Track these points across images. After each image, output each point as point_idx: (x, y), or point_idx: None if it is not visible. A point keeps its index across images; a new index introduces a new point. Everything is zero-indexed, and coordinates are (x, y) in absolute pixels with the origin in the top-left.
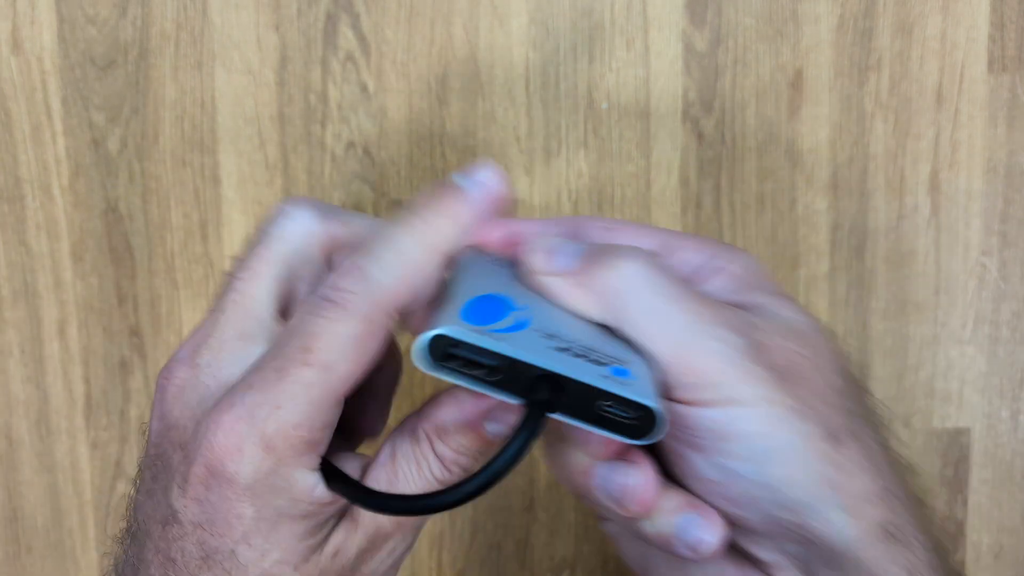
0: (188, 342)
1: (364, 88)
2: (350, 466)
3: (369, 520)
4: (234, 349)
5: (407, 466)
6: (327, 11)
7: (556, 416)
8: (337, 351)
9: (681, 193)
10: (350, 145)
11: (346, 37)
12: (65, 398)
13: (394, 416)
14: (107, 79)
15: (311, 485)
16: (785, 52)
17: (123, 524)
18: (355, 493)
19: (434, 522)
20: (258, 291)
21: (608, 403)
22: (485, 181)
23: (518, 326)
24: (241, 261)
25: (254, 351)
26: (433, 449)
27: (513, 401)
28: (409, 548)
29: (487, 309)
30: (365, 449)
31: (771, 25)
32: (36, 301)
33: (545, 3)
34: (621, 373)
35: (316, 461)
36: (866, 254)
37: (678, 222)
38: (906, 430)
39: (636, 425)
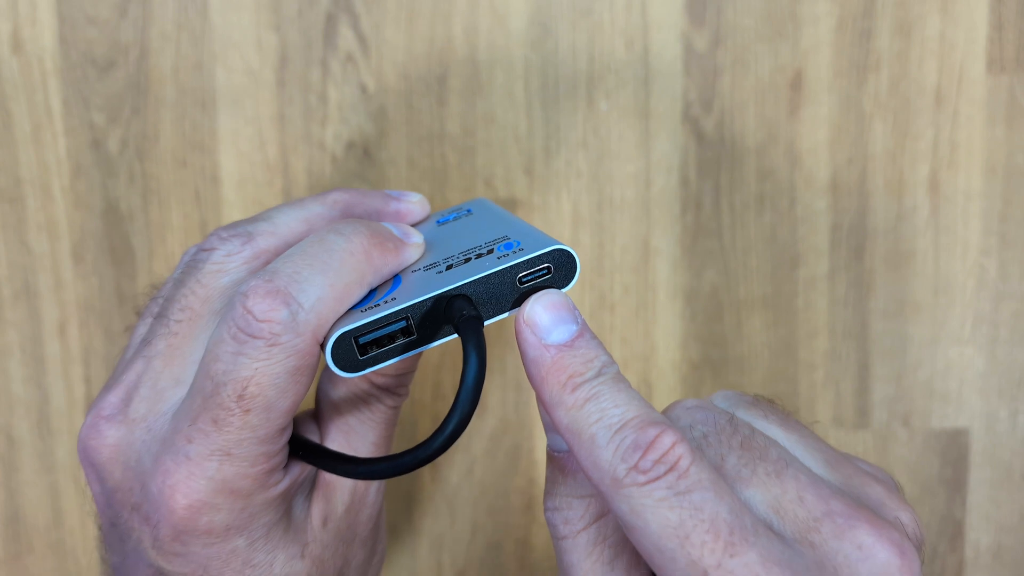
0: (113, 390)
1: (364, 88)
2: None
3: (343, 480)
4: (170, 398)
5: (353, 413)
6: (327, 11)
7: (491, 321)
8: (275, 391)
9: (681, 193)
10: (350, 145)
11: (346, 37)
12: (66, 398)
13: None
14: (107, 79)
15: (283, 484)
16: (785, 52)
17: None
18: (346, 468)
19: (434, 522)
20: (196, 331)
21: (521, 275)
22: (414, 210)
23: (395, 284)
24: (170, 299)
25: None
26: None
27: (448, 339)
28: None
29: (360, 300)
30: None
31: (771, 25)
32: (36, 301)
33: (545, 3)
34: (509, 246)
35: (282, 468)
36: (865, 254)
37: (678, 222)
38: (905, 430)
39: (558, 274)
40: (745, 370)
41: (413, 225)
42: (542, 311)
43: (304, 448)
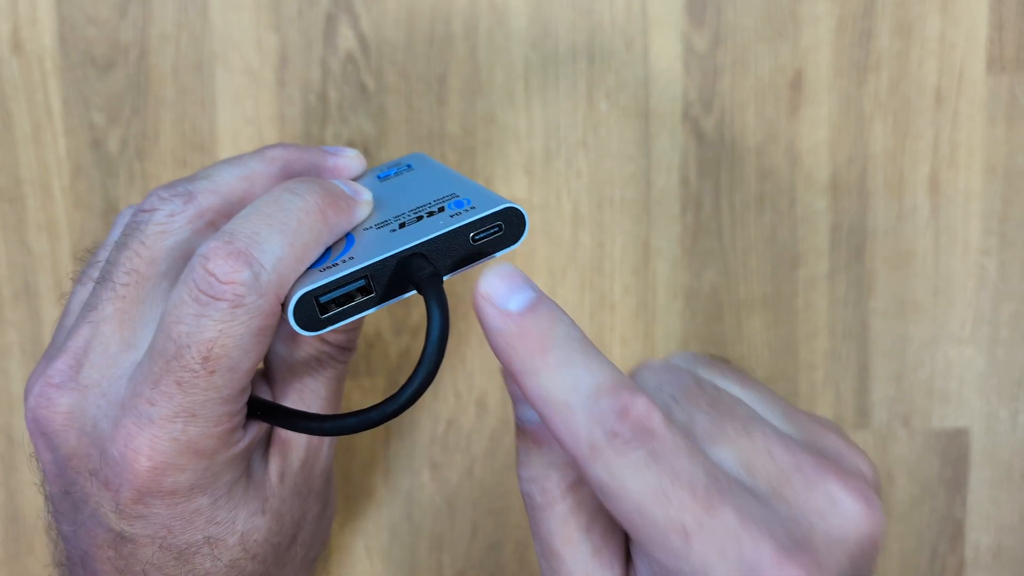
0: (61, 356)
1: (364, 88)
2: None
3: (297, 436)
4: (123, 362)
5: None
6: (327, 11)
7: (448, 276)
8: (239, 351)
9: (681, 193)
10: (350, 145)
11: (346, 37)
12: None
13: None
14: (107, 79)
15: (244, 442)
16: (785, 52)
17: (60, 557)
18: (312, 425)
19: (434, 522)
20: (143, 294)
21: (473, 233)
22: (351, 164)
23: (348, 243)
24: (113, 263)
25: (139, 358)
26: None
27: (405, 296)
28: None
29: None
30: None
31: (771, 25)
32: (36, 301)
33: (545, 3)
34: (459, 204)
35: (242, 427)
36: (865, 254)
37: (678, 222)
38: (905, 430)
39: (508, 232)
40: (745, 370)
41: (354, 180)
42: (497, 281)
43: (264, 409)
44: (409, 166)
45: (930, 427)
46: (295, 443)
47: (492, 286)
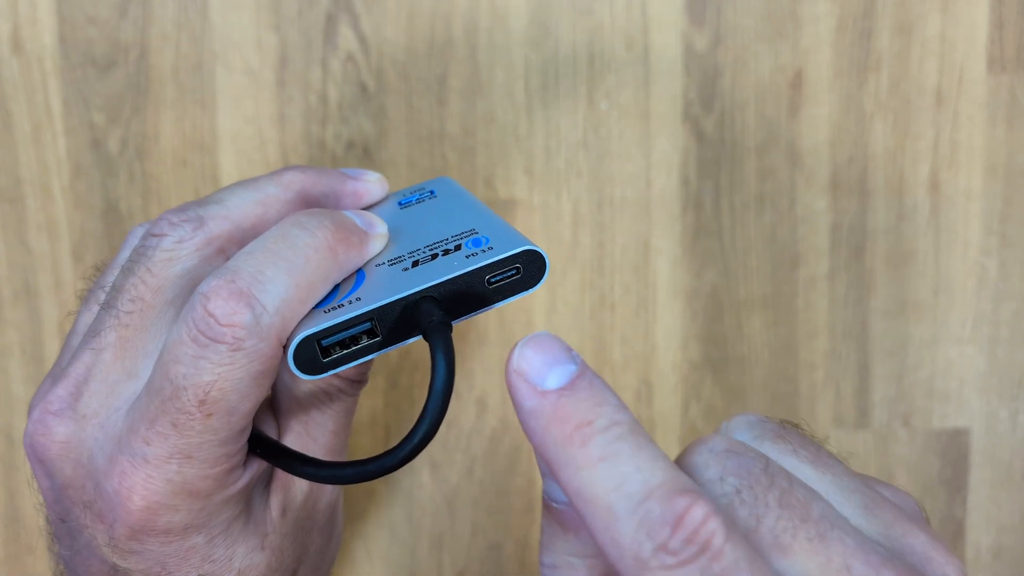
0: (61, 383)
1: (364, 88)
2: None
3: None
4: (122, 392)
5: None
6: (327, 11)
7: (458, 321)
8: (237, 395)
9: (681, 193)
10: (350, 145)
11: (346, 37)
12: None
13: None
14: (107, 79)
15: (242, 481)
16: (785, 52)
17: (60, 570)
18: (308, 471)
19: (434, 522)
20: (147, 322)
21: (489, 276)
22: (372, 189)
23: (358, 280)
24: (119, 288)
25: (140, 388)
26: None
27: (412, 340)
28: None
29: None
30: None
31: (771, 25)
32: (36, 301)
33: (545, 3)
34: (477, 243)
35: (242, 466)
36: (866, 254)
37: (678, 222)
38: (905, 430)
39: (527, 275)
40: (745, 370)
41: (372, 206)
42: (532, 354)
43: (264, 446)
44: (432, 192)
45: (930, 427)
46: (297, 479)
47: (526, 362)
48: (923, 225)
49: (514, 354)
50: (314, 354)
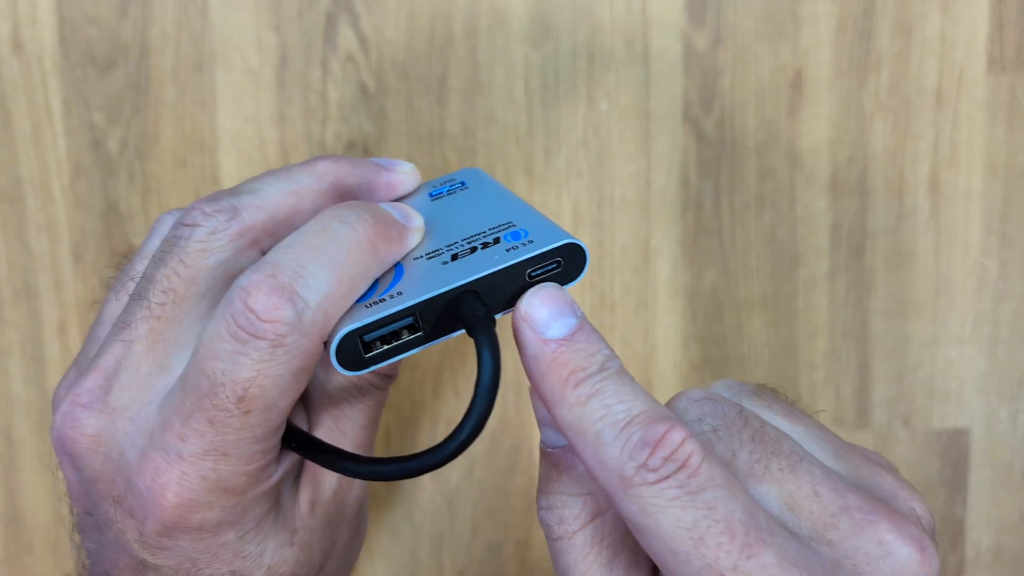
0: (91, 374)
1: (364, 88)
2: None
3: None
4: (154, 386)
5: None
6: (327, 11)
7: (500, 315)
8: (276, 391)
9: (681, 193)
10: (350, 145)
11: (346, 37)
12: None
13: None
14: (107, 79)
15: (275, 477)
16: (785, 52)
17: (82, 568)
18: (348, 466)
19: (434, 522)
20: (180, 314)
21: (530, 269)
22: (405, 180)
23: (397, 274)
24: (150, 279)
25: (172, 382)
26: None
27: (455, 334)
28: None
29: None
30: None
31: (771, 25)
32: (36, 301)
33: (545, 3)
34: (517, 236)
35: (275, 462)
36: (866, 254)
37: (678, 222)
38: (905, 430)
39: (567, 268)
40: (745, 370)
41: (403, 197)
42: (540, 305)
43: (300, 441)
44: (463, 183)
45: (930, 427)
46: (328, 471)
47: (534, 311)
48: (923, 225)
49: (522, 302)
50: (356, 350)
